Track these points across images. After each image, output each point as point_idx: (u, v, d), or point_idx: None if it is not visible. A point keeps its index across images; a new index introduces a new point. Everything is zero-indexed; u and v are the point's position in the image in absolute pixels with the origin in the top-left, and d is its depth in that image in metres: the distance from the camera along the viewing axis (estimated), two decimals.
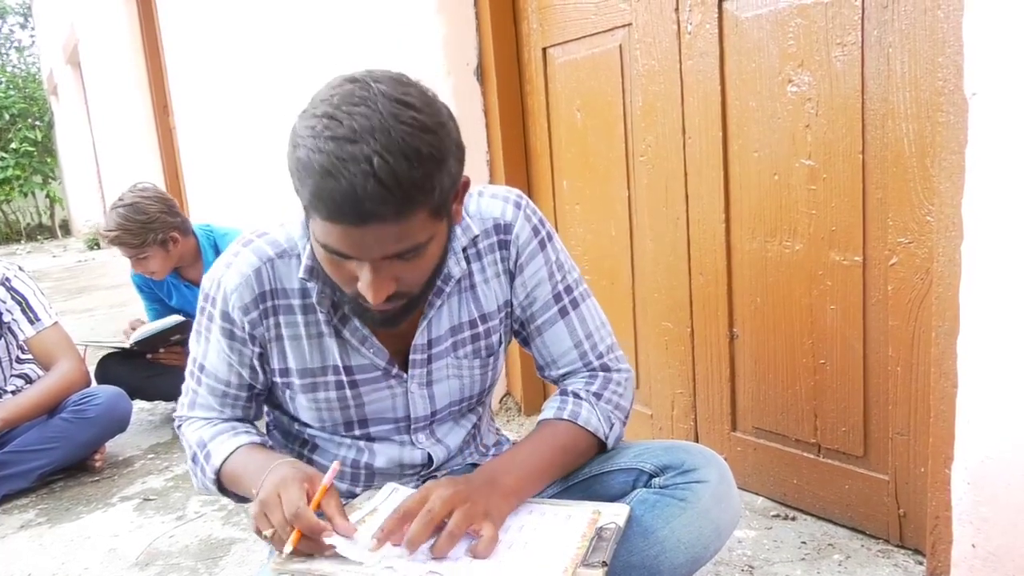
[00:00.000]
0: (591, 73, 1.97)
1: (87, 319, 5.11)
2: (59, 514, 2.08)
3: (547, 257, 1.16)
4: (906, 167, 1.35)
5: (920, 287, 1.37)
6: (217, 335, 1.11)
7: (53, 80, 12.14)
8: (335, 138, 0.81)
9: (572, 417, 1.15)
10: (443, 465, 1.24)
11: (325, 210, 0.84)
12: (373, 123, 0.82)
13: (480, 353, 1.18)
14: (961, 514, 1.23)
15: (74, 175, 12.33)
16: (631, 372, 1.23)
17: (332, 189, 0.81)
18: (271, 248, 1.08)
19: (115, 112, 6.87)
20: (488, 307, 1.16)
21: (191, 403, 1.19)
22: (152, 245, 2.44)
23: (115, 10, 5.95)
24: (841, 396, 1.54)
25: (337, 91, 0.85)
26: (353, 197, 0.81)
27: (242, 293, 1.07)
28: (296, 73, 3.16)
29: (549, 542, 0.98)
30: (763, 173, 1.59)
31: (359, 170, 0.80)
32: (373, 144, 0.81)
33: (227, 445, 1.12)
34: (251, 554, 1.75)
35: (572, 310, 1.19)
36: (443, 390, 1.17)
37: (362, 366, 1.12)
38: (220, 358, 1.13)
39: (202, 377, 1.16)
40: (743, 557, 1.53)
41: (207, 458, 1.13)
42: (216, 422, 1.17)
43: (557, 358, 1.20)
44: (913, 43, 1.29)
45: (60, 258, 10.28)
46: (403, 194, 0.83)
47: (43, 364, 2.32)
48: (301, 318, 1.09)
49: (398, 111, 0.83)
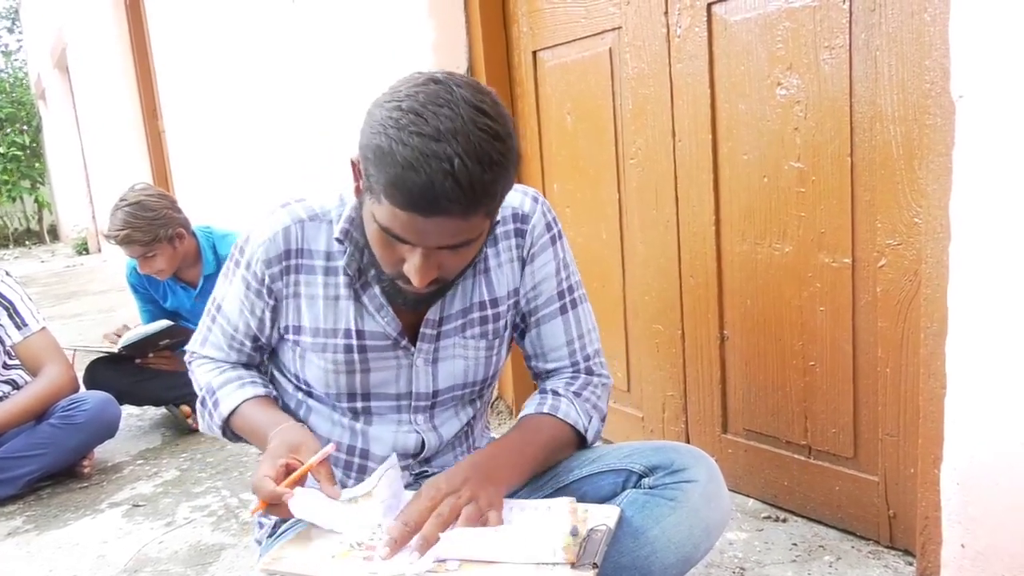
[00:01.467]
0: (581, 76, 1.97)
1: (75, 324, 5.08)
2: (47, 521, 2.06)
3: (556, 253, 1.22)
4: (894, 169, 1.35)
5: (908, 289, 1.37)
6: (239, 281, 1.18)
7: (41, 84, 12.07)
8: (420, 134, 0.87)
9: (552, 411, 1.20)
10: (434, 458, 1.24)
11: (400, 198, 0.90)
12: (456, 126, 0.88)
13: (487, 335, 1.21)
14: (950, 514, 1.24)
15: (62, 180, 12.26)
16: (611, 380, 1.30)
17: (411, 181, 0.88)
18: (304, 212, 1.15)
19: (103, 116, 6.84)
20: (500, 291, 1.20)
21: (203, 340, 1.26)
22: (161, 242, 2.45)
23: (103, 14, 5.92)
24: (831, 397, 1.55)
25: (422, 89, 0.91)
26: (430, 192, 0.88)
27: (268, 248, 1.13)
28: (286, 78, 3.16)
29: (536, 528, 1.00)
30: (752, 176, 1.59)
31: (440, 168, 0.87)
32: (455, 146, 0.87)
33: (234, 397, 1.19)
34: (240, 560, 1.74)
35: (571, 309, 1.25)
36: (448, 369, 1.20)
37: (373, 332, 1.16)
38: (235, 302, 1.19)
39: (217, 316, 1.23)
40: (734, 559, 1.53)
41: (215, 405, 1.20)
42: (224, 368, 1.24)
43: (548, 352, 1.25)
44: (900, 46, 1.30)
45: (48, 263, 10.22)
46: (473, 195, 0.89)
47: (31, 370, 2.30)
48: (321, 278, 1.14)
49: (476, 117, 0.90)
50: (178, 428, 2.71)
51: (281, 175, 3.40)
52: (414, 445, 1.22)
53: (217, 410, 1.19)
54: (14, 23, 15.83)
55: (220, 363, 1.24)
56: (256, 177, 3.70)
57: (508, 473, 1.10)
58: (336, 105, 2.75)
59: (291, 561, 0.97)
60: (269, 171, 3.53)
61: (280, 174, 3.41)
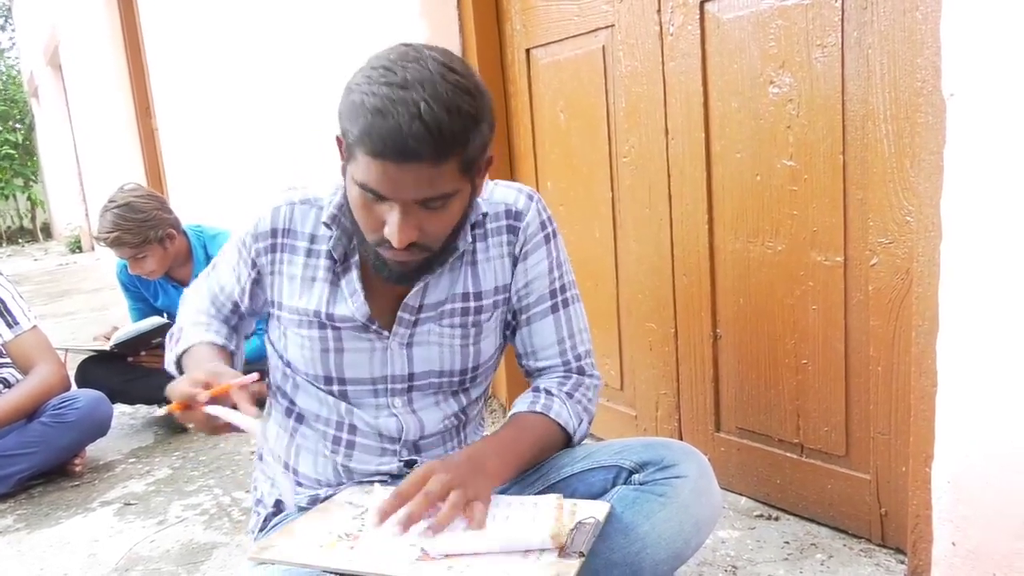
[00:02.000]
0: (574, 74, 1.97)
1: (68, 322, 5.06)
2: (38, 519, 2.05)
3: (550, 252, 1.23)
4: (886, 168, 1.36)
5: (900, 287, 1.38)
6: (234, 247, 1.24)
7: (34, 82, 12.02)
8: (388, 84, 0.92)
9: (544, 410, 1.20)
10: (424, 450, 1.25)
11: (371, 145, 0.93)
12: (423, 76, 0.92)
13: (466, 327, 1.21)
14: (941, 512, 1.24)
15: (55, 178, 12.22)
16: (601, 381, 1.31)
17: (380, 126, 0.91)
18: (298, 197, 1.20)
19: (97, 114, 6.81)
20: (485, 285, 1.20)
21: (196, 286, 1.35)
22: (151, 243, 2.44)
23: (96, 11, 5.90)
24: (823, 396, 1.55)
25: (394, 51, 0.97)
26: (399, 135, 0.91)
27: (259, 224, 1.19)
28: (278, 76, 3.15)
29: (522, 521, 1.01)
30: (745, 174, 1.59)
31: (407, 111, 0.90)
32: (421, 92, 0.91)
33: (193, 336, 1.26)
34: (233, 558, 1.74)
35: (563, 308, 1.25)
36: (422, 354, 1.20)
37: (343, 316, 1.18)
38: (228, 264, 1.26)
39: (212, 272, 1.31)
40: (726, 557, 1.54)
41: (177, 342, 1.29)
42: (200, 316, 1.30)
43: (538, 350, 1.26)
44: (892, 44, 1.30)
45: (41, 261, 10.18)
46: (442, 140, 0.92)
47: (22, 368, 2.29)
48: (303, 259, 1.18)
49: (445, 72, 0.94)
50: (170, 426, 2.70)
51: (273, 172, 3.39)
52: (395, 429, 1.22)
53: (178, 345, 1.27)
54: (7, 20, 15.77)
55: (198, 307, 1.32)
56: (249, 174, 3.69)
57: (498, 467, 1.10)
58: (328, 104, 2.74)
59: (279, 551, 0.98)
60: (261, 169, 3.52)
61: (272, 171, 3.40)
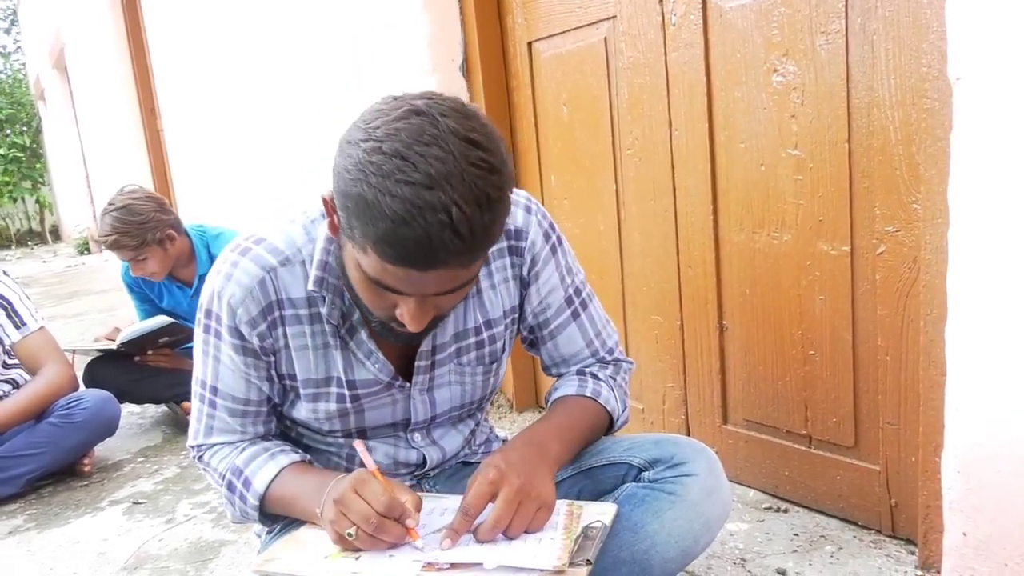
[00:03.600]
0: (577, 67, 1.96)
1: (77, 324, 5.08)
2: (48, 519, 2.06)
3: (558, 262, 1.17)
4: (892, 155, 1.34)
5: (908, 275, 1.36)
6: (229, 352, 1.07)
7: (40, 85, 12.07)
8: (410, 183, 0.77)
9: (594, 396, 1.17)
10: (435, 467, 1.23)
11: (393, 255, 0.81)
12: (448, 168, 0.78)
13: (484, 360, 1.17)
14: (952, 502, 1.23)
15: (63, 180, 12.27)
16: (635, 364, 1.28)
17: (404, 236, 0.79)
18: (272, 256, 1.04)
19: (103, 116, 6.83)
20: (494, 313, 1.15)
21: (207, 429, 1.13)
22: (150, 245, 2.44)
23: (101, 13, 5.91)
24: (831, 387, 1.54)
25: (404, 126, 0.80)
26: (428, 246, 0.79)
27: (248, 307, 1.03)
28: (283, 73, 3.14)
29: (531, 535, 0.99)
30: (750, 164, 1.58)
31: (436, 220, 0.78)
32: (450, 192, 0.78)
33: (268, 469, 1.08)
34: (241, 556, 1.74)
35: (582, 312, 1.20)
36: (444, 395, 1.16)
37: (365, 380, 1.10)
38: (236, 376, 1.08)
39: (217, 400, 1.11)
40: (735, 550, 1.53)
41: (246, 485, 1.08)
42: (243, 445, 1.12)
43: (568, 358, 1.22)
44: (897, 30, 1.29)
45: (50, 263, 10.23)
46: (475, 242, 0.82)
47: (30, 369, 2.30)
48: (308, 328, 1.06)
49: (468, 152, 0.80)
50: (178, 425, 2.70)
51: (279, 172, 3.39)
52: (416, 459, 1.19)
53: (250, 488, 1.07)
54: (12, 24, 15.83)
55: (236, 444, 1.13)
56: (254, 174, 3.69)
57: (560, 452, 1.08)
58: (332, 101, 2.74)
59: (283, 562, 0.97)
60: (267, 168, 3.52)
61: (278, 171, 3.40)
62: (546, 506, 0.99)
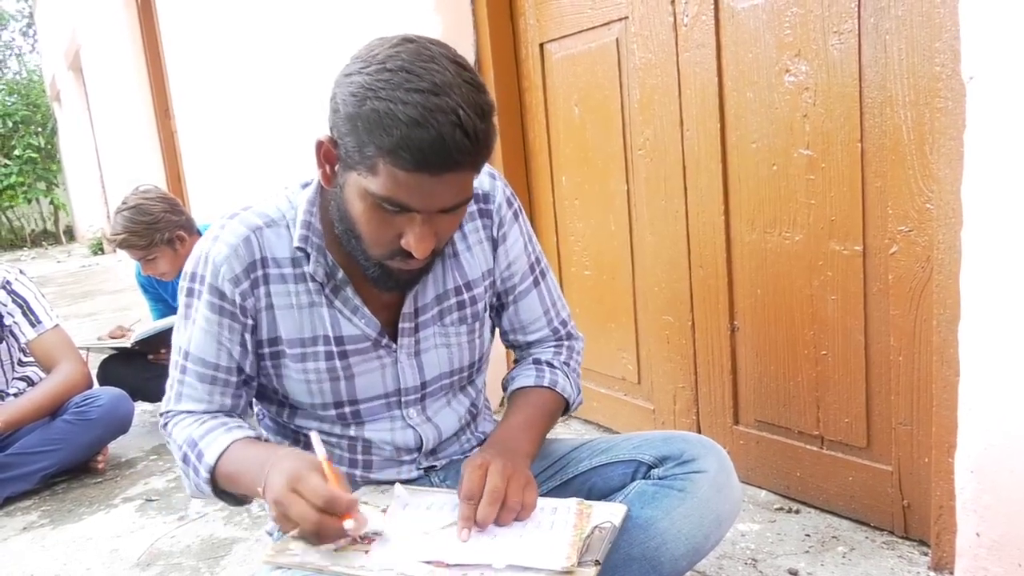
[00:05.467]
0: (588, 68, 1.96)
1: (91, 323, 5.12)
2: (61, 515, 2.08)
3: (521, 228, 1.23)
4: (905, 154, 1.34)
5: (921, 275, 1.36)
6: (204, 312, 1.07)
7: (56, 86, 12.17)
8: (419, 90, 0.84)
9: (552, 385, 1.23)
10: (439, 449, 1.22)
11: (411, 159, 0.86)
12: (448, 79, 0.86)
13: (467, 320, 1.20)
14: (965, 503, 1.22)
15: (77, 181, 12.36)
16: (584, 338, 1.35)
17: (422, 138, 0.84)
18: (259, 218, 1.08)
19: (117, 117, 6.88)
20: (472, 274, 1.19)
21: (176, 395, 1.12)
22: (159, 245, 2.46)
23: (116, 15, 5.96)
24: (843, 387, 1.53)
25: (400, 49, 0.88)
26: (442, 146, 0.85)
27: (232, 264, 1.05)
28: (295, 73, 3.16)
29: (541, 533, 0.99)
30: (761, 164, 1.58)
31: (447, 120, 0.84)
32: (455, 98, 0.85)
33: (220, 441, 1.05)
34: (252, 553, 1.75)
35: (542, 280, 1.27)
36: (432, 359, 1.18)
37: (353, 336, 1.11)
38: (208, 338, 1.08)
39: (187, 365, 1.10)
40: (746, 550, 1.52)
41: (199, 457, 1.06)
42: (204, 419, 1.10)
43: (527, 324, 1.28)
44: (910, 29, 1.28)
45: (64, 263, 10.31)
46: (480, 147, 0.88)
47: (45, 366, 2.32)
48: (292, 287, 1.08)
49: (460, 72, 0.88)
50: None
51: (291, 172, 3.41)
52: (414, 441, 1.19)
53: (203, 460, 1.05)
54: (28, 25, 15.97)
55: (200, 415, 1.11)
56: (267, 176, 3.72)
57: (529, 448, 1.14)
58: None
59: (294, 555, 0.97)
60: (280, 170, 3.54)
61: (290, 171, 3.42)
62: (531, 484, 1.03)
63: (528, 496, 1.01)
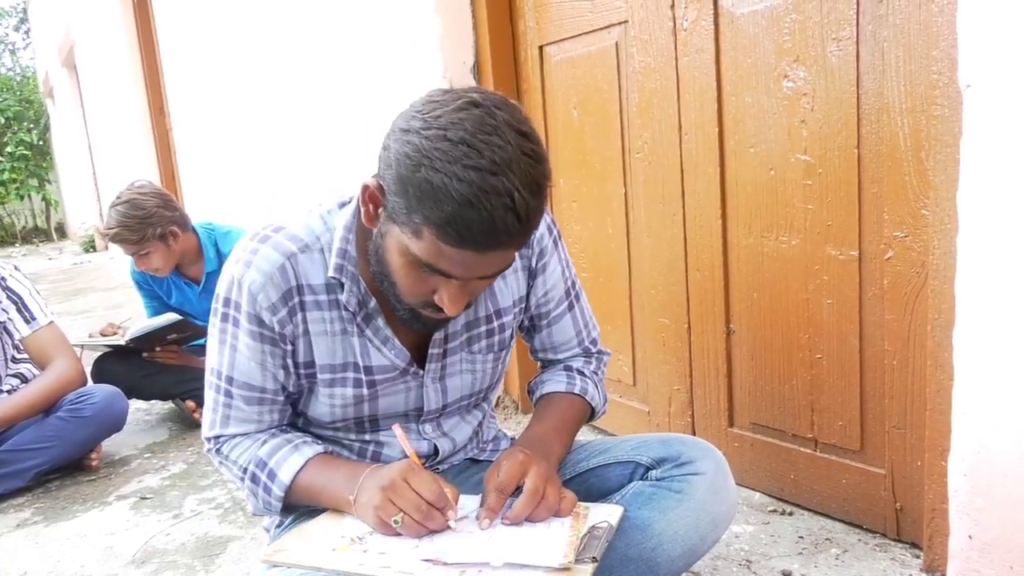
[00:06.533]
0: (587, 71, 1.97)
1: (83, 321, 5.09)
2: (55, 513, 2.08)
3: (560, 256, 1.24)
4: (901, 161, 1.35)
5: (916, 280, 1.37)
6: (246, 340, 1.07)
7: (49, 83, 12.12)
8: (477, 168, 0.82)
9: (582, 393, 1.26)
10: (446, 458, 1.24)
11: (456, 237, 0.85)
12: (508, 156, 0.84)
13: (493, 347, 1.20)
14: (958, 506, 1.24)
15: (70, 178, 12.31)
16: (611, 353, 1.38)
17: (469, 218, 0.83)
18: (292, 243, 1.05)
19: (111, 114, 6.87)
20: (504, 303, 1.18)
21: (224, 419, 1.13)
22: (151, 240, 2.46)
23: (111, 12, 5.94)
24: (838, 390, 1.55)
25: (465, 115, 0.85)
26: (491, 228, 0.84)
27: (268, 292, 1.03)
28: (293, 73, 3.16)
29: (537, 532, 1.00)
30: (759, 169, 1.59)
31: (500, 203, 0.83)
32: (512, 178, 0.83)
33: (294, 460, 1.09)
34: (247, 551, 1.75)
35: (576, 304, 1.29)
36: (455, 384, 1.18)
37: (382, 366, 1.11)
38: (253, 364, 1.08)
39: (233, 389, 1.10)
40: (741, 552, 1.53)
41: (271, 476, 1.09)
42: (263, 438, 1.12)
43: (559, 345, 1.30)
44: (908, 37, 1.30)
45: (56, 261, 10.25)
46: (529, 226, 0.87)
47: (39, 363, 2.31)
48: (327, 314, 1.07)
49: (522, 143, 0.86)
50: (185, 422, 2.72)
51: (287, 171, 3.41)
52: (427, 450, 1.20)
53: (275, 480, 1.08)
54: (22, 21, 15.89)
55: (256, 435, 1.13)
56: (263, 173, 3.71)
57: (560, 451, 1.17)
58: (343, 102, 2.76)
59: (291, 553, 0.98)
60: (275, 167, 3.54)
61: (286, 170, 3.42)
62: (567, 494, 1.04)
63: (565, 505, 1.03)
